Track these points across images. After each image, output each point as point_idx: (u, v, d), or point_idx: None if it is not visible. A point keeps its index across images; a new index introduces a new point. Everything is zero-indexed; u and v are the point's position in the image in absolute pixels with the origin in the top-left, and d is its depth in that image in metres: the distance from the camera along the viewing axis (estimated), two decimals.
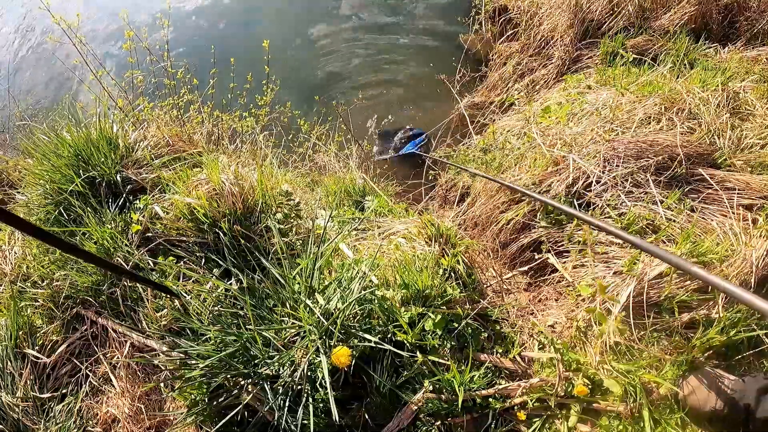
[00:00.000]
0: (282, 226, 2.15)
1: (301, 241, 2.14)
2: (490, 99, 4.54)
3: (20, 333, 2.14)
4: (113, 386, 2.01)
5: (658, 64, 3.38)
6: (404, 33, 6.00)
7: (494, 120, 4.02)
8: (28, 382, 2.05)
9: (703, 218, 2.17)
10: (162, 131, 2.73)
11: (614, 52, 3.72)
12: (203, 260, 2.12)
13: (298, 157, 4.04)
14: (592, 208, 2.33)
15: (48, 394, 2.03)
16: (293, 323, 1.68)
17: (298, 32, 6.16)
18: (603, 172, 2.35)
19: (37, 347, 2.13)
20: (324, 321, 1.59)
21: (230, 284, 1.91)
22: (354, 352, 1.55)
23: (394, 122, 5.14)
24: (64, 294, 2.18)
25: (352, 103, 5.28)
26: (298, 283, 1.75)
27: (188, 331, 1.85)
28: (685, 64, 3.37)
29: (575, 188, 2.37)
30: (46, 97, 6.41)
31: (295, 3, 6.63)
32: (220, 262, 2.01)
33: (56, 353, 2.11)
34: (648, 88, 2.93)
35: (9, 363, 2.08)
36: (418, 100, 5.28)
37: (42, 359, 2.09)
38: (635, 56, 3.52)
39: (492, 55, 5.12)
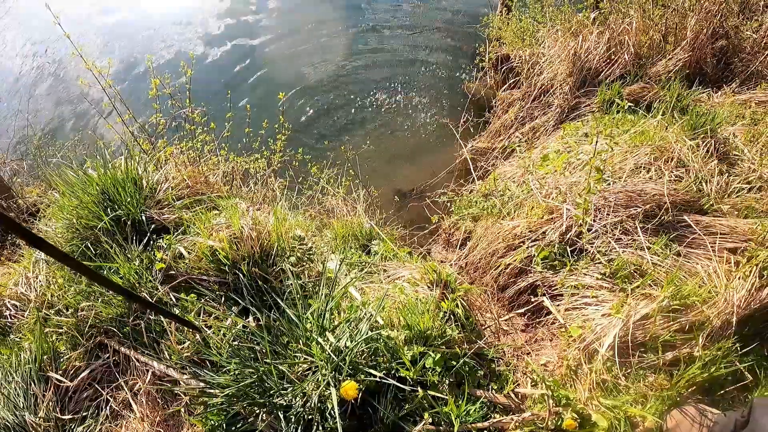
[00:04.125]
0: (295, 269, 2.32)
1: (312, 283, 2.31)
2: (493, 145, 4.72)
3: (44, 357, 2.23)
4: (133, 411, 2.10)
5: (650, 113, 3.48)
6: (412, 78, 6.32)
7: (495, 165, 4.20)
8: (51, 403, 2.12)
9: (687, 262, 2.30)
10: (180, 172, 2.90)
11: (611, 99, 3.86)
12: (223, 298, 2.26)
13: (307, 200, 4.21)
14: (584, 254, 2.48)
15: (69, 416, 2.11)
16: (306, 359, 1.82)
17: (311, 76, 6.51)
18: (594, 221, 2.51)
19: (60, 371, 2.21)
20: (334, 357, 1.74)
21: (248, 321, 2.05)
22: (361, 386, 1.68)
23: (398, 166, 5.35)
24: (89, 323, 2.27)
25: (360, 149, 5.52)
26: (311, 323, 1.90)
27: (208, 363, 2.01)
28: (677, 111, 3.42)
29: (568, 236, 2.51)
30: (61, 125, 6.74)
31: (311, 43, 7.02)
32: (239, 301, 2.15)
33: (79, 378, 2.18)
34: (639, 138, 3.09)
35: (33, 384, 2.15)
36: (424, 145, 5.53)
37: (65, 383, 2.16)
38: (630, 104, 3.65)
39: (495, 102, 5.36)
